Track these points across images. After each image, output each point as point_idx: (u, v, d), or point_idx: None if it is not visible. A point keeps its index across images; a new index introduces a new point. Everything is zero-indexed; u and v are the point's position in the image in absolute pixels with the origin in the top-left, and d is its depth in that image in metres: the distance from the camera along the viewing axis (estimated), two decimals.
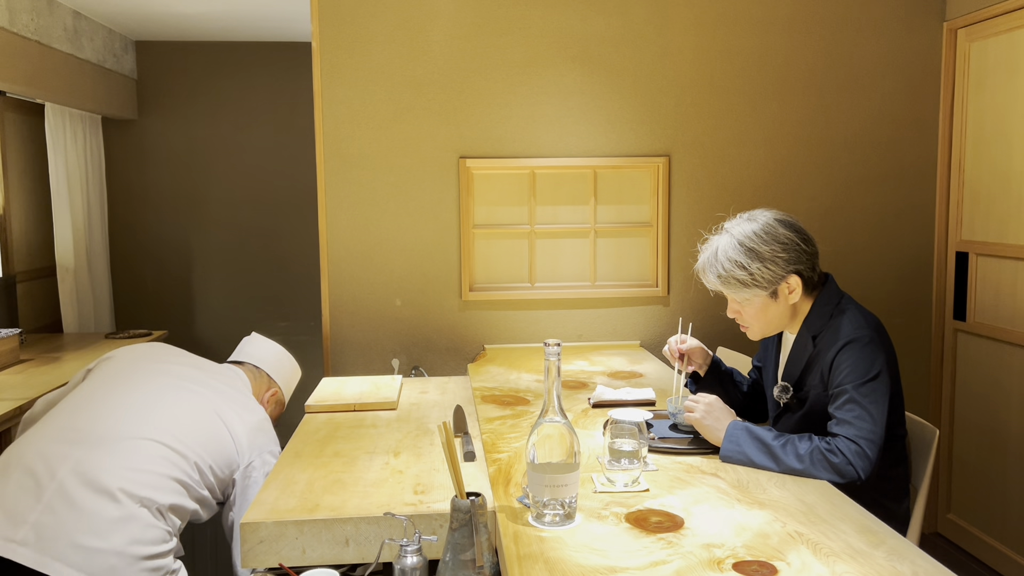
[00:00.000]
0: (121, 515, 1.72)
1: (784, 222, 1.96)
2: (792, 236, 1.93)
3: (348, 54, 3.19)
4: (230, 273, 4.89)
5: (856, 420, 1.79)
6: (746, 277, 1.91)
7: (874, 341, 1.86)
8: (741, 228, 1.95)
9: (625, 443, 1.71)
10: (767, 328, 2.01)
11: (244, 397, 2.13)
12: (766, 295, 1.94)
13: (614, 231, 3.35)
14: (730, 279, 1.93)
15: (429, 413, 2.30)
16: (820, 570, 1.34)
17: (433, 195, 3.26)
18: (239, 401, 2.08)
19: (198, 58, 4.76)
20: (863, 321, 1.90)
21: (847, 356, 1.86)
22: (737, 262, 1.91)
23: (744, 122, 3.34)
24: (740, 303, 1.99)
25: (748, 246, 1.91)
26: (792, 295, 1.94)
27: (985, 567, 3.23)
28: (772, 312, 1.97)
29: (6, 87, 3.37)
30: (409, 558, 1.41)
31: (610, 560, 1.37)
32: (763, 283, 1.91)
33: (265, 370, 2.37)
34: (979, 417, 3.28)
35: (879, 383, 1.82)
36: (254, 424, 2.05)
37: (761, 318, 1.99)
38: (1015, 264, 3.08)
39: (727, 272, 1.93)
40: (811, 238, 1.97)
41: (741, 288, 1.94)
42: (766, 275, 1.90)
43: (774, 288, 1.93)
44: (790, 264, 1.91)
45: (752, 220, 1.96)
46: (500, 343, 3.32)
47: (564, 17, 3.24)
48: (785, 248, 1.91)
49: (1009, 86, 3.07)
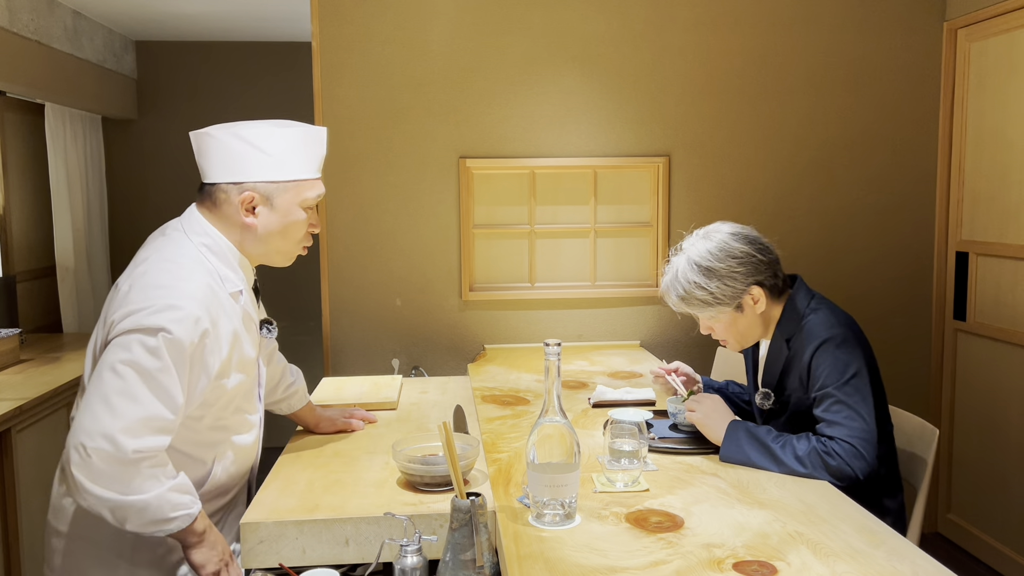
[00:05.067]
0: None
1: (738, 235, 1.96)
2: (747, 249, 1.93)
3: (348, 54, 3.18)
4: None
5: (846, 420, 1.79)
6: (707, 296, 1.92)
7: (848, 339, 1.87)
8: (696, 248, 1.96)
9: (625, 443, 1.71)
10: (743, 340, 2.03)
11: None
12: (731, 309, 1.95)
13: (614, 231, 3.35)
14: (692, 299, 1.95)
15: (429, 413, 2.30)
16: (820, 570, 1.34)
17: (433, 195, 3.26)
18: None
19: (198, 58, 4.76)
20: (834, 320, 1.91)
21: (823, 357, 1.87)
22: (696, 283, 1.92)
23: (744, 122, 3.34)
24: (709, 320, 2.01)
25: (704, 265, 1.92)
26: (758, 305, 1.95)
27: (985, 567, 3.23)
28: (742, 324, 1.98)
29: (6, 87, 3.37)
30: (409, 558, 1.41)
31: (610, 560, 1.37)
32: (725, 300, 1.93)
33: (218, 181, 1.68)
34: (979, 417, 3.28)
35: (860, 380, 1.83)
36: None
37: (733, 331, 2.01)
38: (1015, 264, 3.08)
39: (688, 293, 1.94)
40: (768, 246, 1.97)
41: (705, 307, 1.96)
42: (727, 292, 1.92)
43: (738, 302, 1.94)
44: (749, 277, 1.92)
45: (707, 238, 1.97)
46: (500, 343, 3.32)
47: (564, 17, 3.24)
48: (741, 262, 1.92)
49: (1009, 86, 3.07)
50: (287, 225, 1.68)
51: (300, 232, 1.71)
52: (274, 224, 1.66)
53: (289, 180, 1.66)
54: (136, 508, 1.47)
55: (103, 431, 1.44)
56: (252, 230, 1.66)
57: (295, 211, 1.68)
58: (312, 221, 1.73)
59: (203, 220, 1.66)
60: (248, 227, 1.66)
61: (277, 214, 1.66)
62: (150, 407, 1.48)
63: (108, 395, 1.46)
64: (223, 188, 1.64)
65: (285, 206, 1.66)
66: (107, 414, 1.45)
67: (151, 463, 1.48)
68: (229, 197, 1.64)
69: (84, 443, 1.44)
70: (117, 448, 1.44)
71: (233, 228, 1.66)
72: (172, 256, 1.60)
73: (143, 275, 1.56)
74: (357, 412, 2.17)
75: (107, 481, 1.45)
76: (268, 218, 1.66)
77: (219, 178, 1.65)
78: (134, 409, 1.46)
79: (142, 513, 1.47)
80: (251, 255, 1.71)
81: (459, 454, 1.57)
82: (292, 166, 1.66)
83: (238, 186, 1.64)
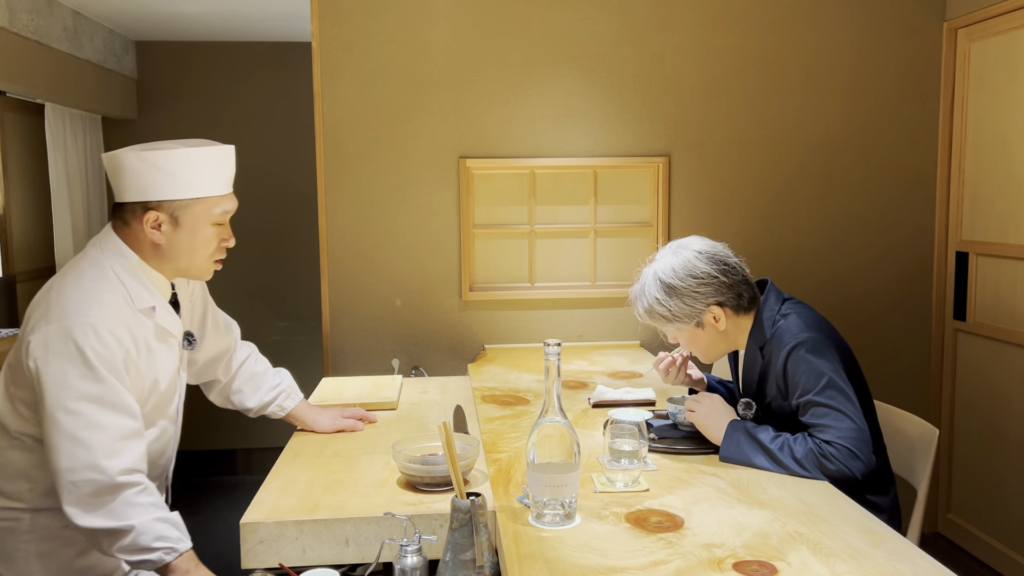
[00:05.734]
0: None
1: (704, 255, 1.96)
2: (710, 271, 1.94)
3: (348, 54, 3.19)
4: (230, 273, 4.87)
5: (835, 423, 1.79)
6: (666, 312, 1.95)
7: (819, 342, 1.87)
8: (664, 262, 1.98)
9: (625, 443, 1.71)
10: (708, 353, 2.05)
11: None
12: (691, 326, 1.97)
13: (614, 231, 3.35)
14: (653, 313, 1.98)
15: (429, 413, 2.30)
16: (820, 570, 1.34)
17: (433, 195, 3.26)
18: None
19: (198, 58, 4.76)
20: (803, 324, 1.91)
21: (796, 364, 1.87)
22: (657, 299, 1.95)
23: (744, 122, 3.34)
24: (674, 333, 2.03)
25: (667, 283, 1.95)
26: (719, 324, 1.96)
27: (985, 567, 3.23)
28: (704, 340, 2.00)
29: (6, 87, 3.37)
30: (409, 558, 1.41)
31: (610, 560, 1.37)
32: (683, 318, 1.95)
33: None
34: (979, 417, 3.28)
35: (838, 381, 1.83)
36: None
37: (697, 345, 2.03)
38: (1015, 264, 3.08)
39: (649, 306, 1.98)
40: (735, 267, 1.97)
41: (665, 322, 1.98)
42: (684, 311, 1.94)
43: (697, 320, 1.96)
44: (709, 298, 1.94)
45: (675, 253, 1.99)
46: (500, 343, 3.32)
47: (564, 17, 3.24)
48: (702, 283, 1.93)
49: (1009, 86, 3.07)
50: (194, 241, 1.74)
51: (209, 248, 1.77)
52: (181, 241, 1.73)
53: (192, 198, 1.71)
54: (120, 534, 1.54)
55: (86, 463, 1.53)
56: (159, 247, 1.72)
57: (202, 228, 1.74)
58: (223, 236, 1.79)
59: (116, 239, 1.74)
60: (155, 245, 1.72)
61: (183, 231, 1.72)
62: (116, 425, 1.57)
63: (75, 433, 1.54)
64: (131, 208, 1.72)
65: (191, 223, 1.72)
66: (81, 449, 1.54)
67: (137, 489, 1.56)
68: (136, 216, 1.71)
69: (73, 480, 1.53)
70: (104, 474, 1.53)
71: (143, 246, 1.73)
72: (87, 274, 1.68)
73: (60, 293, 1.64)
74: (357, 412, 2.19)
75: (97, 509, 1.54)
76: (173, 236, 1.72)
77: (128, 198, 1.71)
78: (104, 434, 1.55)
79: (125, 538, 1.54)
80: (164, 271, 1.77)
81: (459, 454, 1.57)
82: (196, 184, 1.72)
83: (143, 204, 1.70)
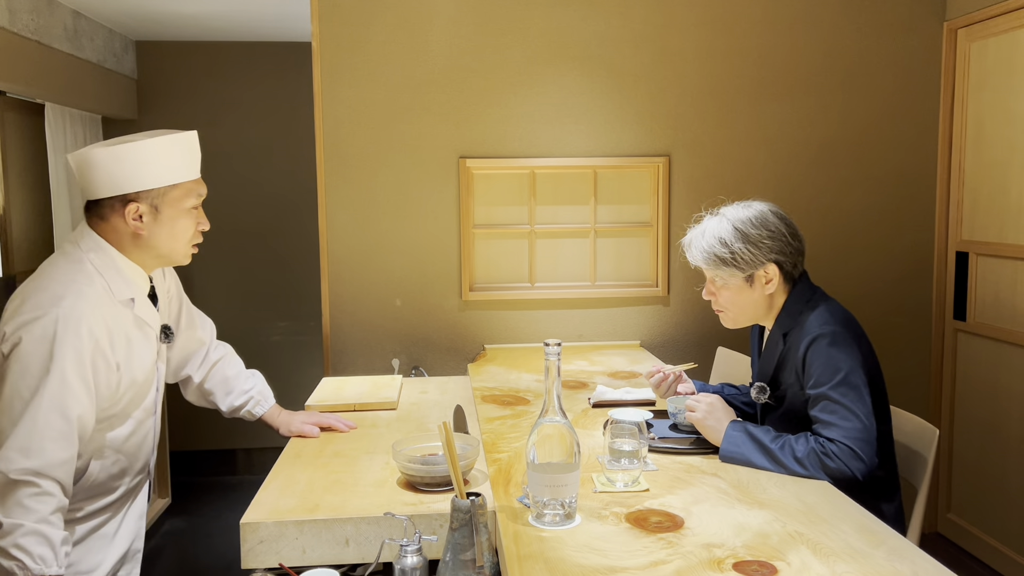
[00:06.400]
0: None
1: (777, 213, 2.00)
2: (781, 226, 1.97)
3: (348, 54, 3.19)
4: (230, 273, 4.88)
5: (841, 421, 1.79)
6: (727, 254, 1.94)
7: (843, 337, 1.87)
8: (735, 212, 2.00)
9: (625, 443, 1.71)
10: (740, 316, 2.03)
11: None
12: (742, 278, 1.96)
13: (614, 231, 3.35)
14: (712, 255, 1.97)
15: (429, 413, 2.30)
16: (820, 570, 1.34)
17: (433, 195, 3.26)
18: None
19: (198, 58, 4.76)
20: (829, 317, 1.91)
21: (816, 355, 1.87)
22: (722, 239, 1.95)
23: (744, 122, 3.34)
24: (717, 284, 2.02)
25: (737, 227, 1.96)
26: (769, 285, 1.96)
27: (985, 567, 3.23)
28: (746, 298, 1.99)
29: (6, 87, 3.37)
30: (409, 558, 1.41)
31: (610, 560, 1.37)
32: (741, 264, 1.94)
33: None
34: (979, 417, 3.28)
35: (854, 379, 1.83)
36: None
37: (736, 303, 2.01)
38: (1015, 264, 3.08)
39: (709, 247, 1.97)
40: (800, 235, 2.00)
41: (720, 265, 1.97)
42: (746, 256, 1.94)
43: (751, 272, 1.95)
44: (772, 252, 1.94)
45: (748, 207, 2.01)
46: (500, 343, 3.32)
47: (564, 17, 3.24)
48: (772, 236, 1.95)
49: (1009, 86, 3.07)
50: (175, 228, 1.78)
51: (188, 232, 1.81)
52: (162, 229, 1.76)
53: (168, 185, 1.75)
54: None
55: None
56: (141, 237, 1.75)
57: (181, 214, 1.78)
58: (199, 220, 1.83)
59: (94, 234, 1.75)
60: (137, 235, 1.75)
61: (163, 219, 1.76)
62: (44, 422, 1.58)
63: (3, 418, 1.57)
64: (108, 203, 1.73)
65: (171, 211, 1.76)
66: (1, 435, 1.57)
67: (32, 491, 1.54)
68: (116, 210, 1.73)
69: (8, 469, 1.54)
70: (3, 467, 1.54)
71: (123, 238, 1.76)
72: (63, 268, 1.70)
73: (36, 287, 1.66)
74: (328, 420, 2.14)
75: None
76: (154, 225, 1.75)
77: (104, 193, 1.73)
78: (25, 429, 1.57)
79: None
80: (143, 262, 1.80)
81: (459, 454, 1.57)
82: (171, 172, 1.76)
83: (122, 198, 1.72)
